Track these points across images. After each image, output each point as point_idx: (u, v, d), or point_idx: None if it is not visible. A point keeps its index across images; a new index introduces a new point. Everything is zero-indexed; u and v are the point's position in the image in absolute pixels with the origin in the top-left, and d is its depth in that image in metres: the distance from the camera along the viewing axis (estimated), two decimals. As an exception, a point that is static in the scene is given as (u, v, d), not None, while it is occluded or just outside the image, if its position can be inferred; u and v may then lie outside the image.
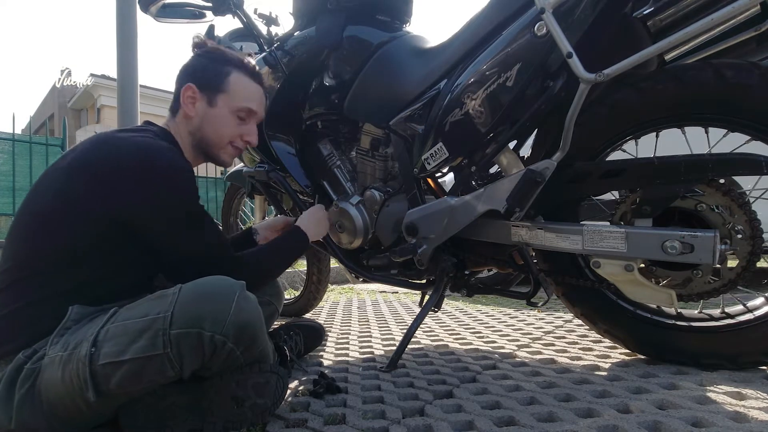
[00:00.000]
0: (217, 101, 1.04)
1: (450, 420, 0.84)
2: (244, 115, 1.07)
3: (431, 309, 1.26)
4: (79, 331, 0.79)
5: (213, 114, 1.04)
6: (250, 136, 1.10)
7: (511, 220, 1.08)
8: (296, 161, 1.51)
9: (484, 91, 1.04)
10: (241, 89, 1.06)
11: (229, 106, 1.05)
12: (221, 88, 1.04)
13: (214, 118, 1.05)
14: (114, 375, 0.75)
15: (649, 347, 1.13)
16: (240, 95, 1.06)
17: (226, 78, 1.04)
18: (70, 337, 0.79)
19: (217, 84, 1.04)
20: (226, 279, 0.83)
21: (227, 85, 1.04)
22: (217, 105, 1.04)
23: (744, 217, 0.94)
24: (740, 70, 0.90)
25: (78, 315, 0.83)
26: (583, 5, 0.90)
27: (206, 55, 1.07)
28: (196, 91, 1.03)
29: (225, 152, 1.09)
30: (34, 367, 0.79)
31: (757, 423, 0.77)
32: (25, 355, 0.81)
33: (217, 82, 1.04)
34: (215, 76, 1.04)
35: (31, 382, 0.78)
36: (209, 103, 1.04)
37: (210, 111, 1.04)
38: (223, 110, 1.05)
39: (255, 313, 0.83)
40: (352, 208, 1.36)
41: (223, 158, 1.10)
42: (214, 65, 1.05)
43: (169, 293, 0.80)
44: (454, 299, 2.46)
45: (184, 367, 0.77)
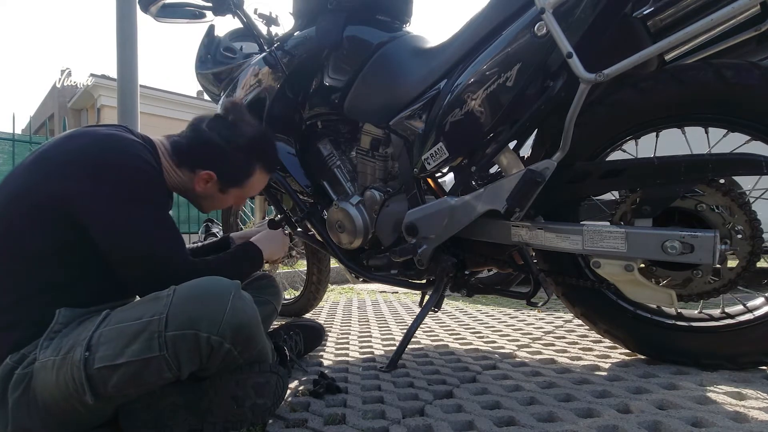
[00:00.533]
0: (229, 191, 1.09)
1: (450, 420, 0.84)
2: (244, 197, 1.15)
3: (431, 309, 1.25)
4: (71, 335, 0.79)
5: (220, 197, 1.10)
6: (238, 203, 1.18)
7: (511, 220, 1.08)
8: (296, 161, 1.51)
9: (484, 91, 1.04)
10: (257, 185, 1.13)
11: (238, 196, 1.12)
12: (240, 184, 1.09)
13: (218, 201, 1.11)
14: (111, 378, 0.74)
15: (649, 347, 1.13)
16: (254, 190, 1.13)
17: (248, 178, 1.09)
18: (62, 341, 0.78)
19: (237, 182, 1.08)
20: (221, 280, 0.83)
21: (246, 183, 1.10)
22: (228, 194, 1.10)
23: (744, 217, 0.94)
24: (740, 70, 0.90)
25: (66, 318, 0.82)
26: (583, 5, 0.90)
27: (242, 148, 1.05)
28: (213, 178, 1.05)
29: (209, 210, 1.16)
30: (25, 372, 0.79)
31: (757, 423, 0.77)
32: (13, 360, 0.80)
33: (239, 180, 1.08)
34: (240, 175, 1.08)
35: (24, 387, 0.78)
36: (221, 190, 1.08)
37: (218, 195, 1.09)
38: (229, 198, 1.11)
39: (251, 312, 0.83)
40: (352, 208, 1.36)
41: (205, 211, 1.17)
42: (243, 163, 1.07)
43: (163, 295, 0.80)
44: (454, 299, 2.46)
45: (182, 369, 0.77)
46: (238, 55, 1.73)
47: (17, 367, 0.80)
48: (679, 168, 0.93)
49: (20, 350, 0.81)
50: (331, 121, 1.45)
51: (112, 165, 0.86)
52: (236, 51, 1.74)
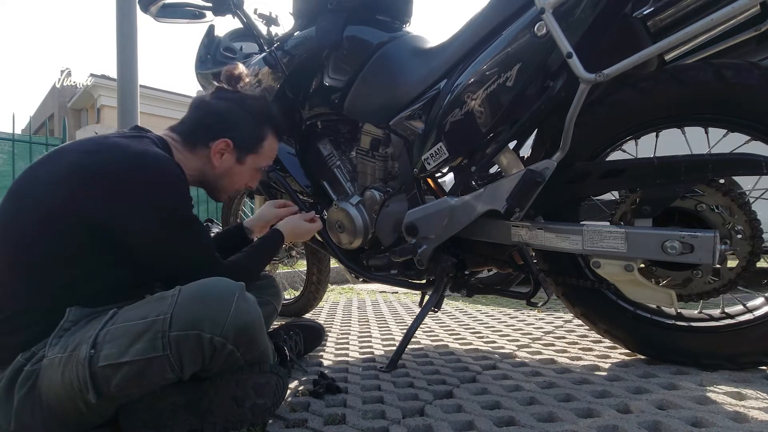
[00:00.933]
0: (246, 160, 1.09)
1: (450, 420, 0.84)
2: (260, 169, 1.14)
3: (431, 309, 1.25)
4: (78, 333, 0.79)
5: (238, 170, 1.09)
6: (253, 183, 1.17)
7: (511, 220, 1.08)
8: (296, 161, 1.51)
9: (484, 91, 1.04)
10: (271, 151, 1.13)
11: (255, 164, 1.11)
12: (255, 150, 1.09)
13: (237, 174, 1.10)
14: (114, 377, 0.75)
15: (649, 347, 1.13)
16: (267, 156, 1.13)
17: (261, 142, 1.09)
18: (69, 339, 0.78)
19: (252, 147, 1.08)
20: (225, 280, 0.83)
21: (260, 148, 1.10)
22: (245, 163, 1.09)
23: (744, 217, 0.94)
24: (740, 70, 0.90)
25: (76, 316, 0.83)
26: (583, 5, 0.90)
27: (250, 113, 1.07)
28: (230, 146, 1.04)
29: (227, 194, 1.15)
30: (33, 369, 0.79)
31: (757, 423, 0.77)
32: (24, 357, 0.80)
33: (253, 145, 1.08)
34: (254, 139, 1.08)
35: (31, 384, 0.78)
36: (238, 160, 1.07)
37: (236, 167, 1.08)
38: (248, 168, 1.10)
39: (254, 314, 0.83)
40: (352, 208, 1.36)
41: (221, 198, 1.15)
42: (254, 126, 1.08)
43: (168, 295, 0.80)
44: (454, 299, 2.46)
45: (185, 369, 0.77)
46: (238, 55, 1.73)
47: (27, 363, 0.80)
48: (679, 168, 0.93)
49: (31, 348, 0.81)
50: (331, 121, 1.45)
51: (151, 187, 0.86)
52: (236, 51, 1.74)
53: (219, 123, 1.04)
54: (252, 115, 1.08)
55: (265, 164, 1.14)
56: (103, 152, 0.87)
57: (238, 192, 1.15)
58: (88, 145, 0.90)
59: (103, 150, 0.88)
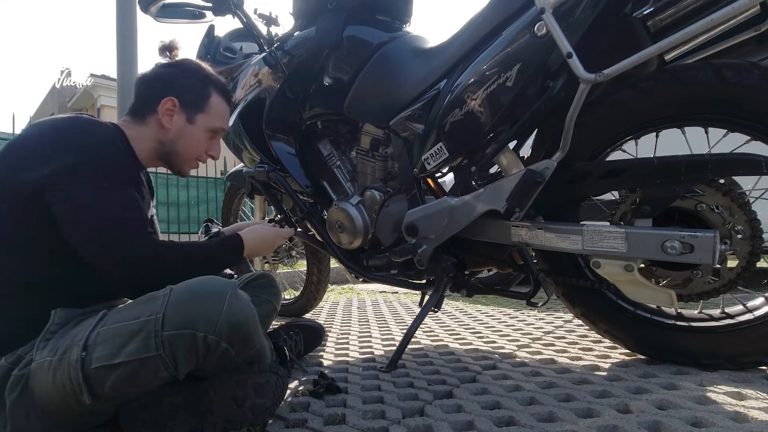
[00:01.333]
0: (196, 119, 1.07)
1: (450, 420, 0.84)
2: (215, 133, 1.12)
3: (431, 309, 1.25)
4: (67, 335, 0.78)
5: (190, 130, 1.07)
6: (214, 151, 1.14)
7: (511, 220, 1.08)
8: (296, 161, 1.51)
9: (484, 91, 1.04)
10: (219, 111, 1.11)
11: (206, 125, 1.09)
12: (201, 108, 1.07)
13: (190, 135, 1.07)
14: (108, 378, 0.74)
15: (649, 347, 1.13)
16: (217, 116, 1.10)
17: (207, 99, 1.08)
18: (58, 342, 0.78)
19: (198, 104, 1.07)
20: (217, 279, 0.83)
21: (206, 105, 1.08)
22: (195, 123, 1.07)
23: (744, 217, 0.94)
24: (740, 70, 0.90)
25: (62, 318, 0.82)
26: (583, 5, 0.90)
27: (189, 72, 1.08)
28: (176, 105, 1.04)
29: (189, 165, 1.12)
30: (22, 373, 0.78)
31: (757, 423, 0.77)
32: (8, 361, 0.80)
33: (199, 102, 1.07)
34: (197, 96, 1.07)
35: (21, 388, 0.78)
36: (188, 120, 1.06)
37: (188, 127, 1.06)
38: (199, 128, 1.08)
39: (248, 312, 0.83)
40: (352, 208, 1.36)
41: (185, 170, 1.13)
42: (197, 84, 1.08)
43: (159, 295, 0.80)
44: (454, 299, 2.46)
45: (179, 368, 0.77)
46: (238, 55, 1.73)
47: (14, 368, 0.80)
48: (679, 168, 0.93)
49: (11, 350, 0.81)
50: (331, 121, 1.45)
51: (72, 141, 0.87)
52: (236, 51, 1.74)
53: (161, 86, 1.05)
54: (191, 74, 1.08)
55: (218, 125, 1.11)
56: (35, 126, 0.92)
57: (201, 160, 1.11)
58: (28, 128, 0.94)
59: (35, 125, 0.92)
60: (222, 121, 1.12)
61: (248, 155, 1.67)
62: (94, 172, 0.86)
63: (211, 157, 1.14)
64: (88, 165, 0.86)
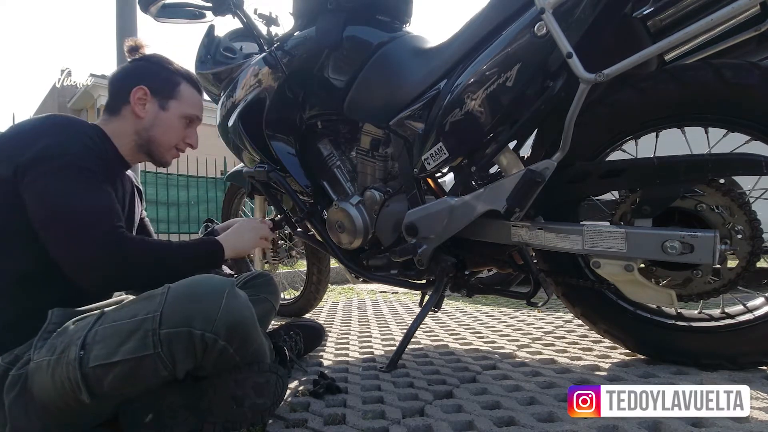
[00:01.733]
0: (169, 106, 1.09)
1: (450, 420, 0.84)
2: (189, 121, 1.14)
3: (431, 309, 1.25)
4: (65, 335, 0.78)
5: (164, 117, 1.09)
6: (191, 139, 1.16)
7: (511, 220, 1.08)
8: (296, 161, 1.51)
9: (484, 91, 1.04)
10: (190, 99, 1.13)
11: (179, 112, 1.11)
12: (173, 95, 1.10)
13: (165, 122, 1.09)
14: (106, 377, 0.74)
15: (649, 347, 1.13)
16: (189, 103, 1.12)
17: (177, 87, 1.11)
18: (56, 341, 0.78)
19: (169, 91, 1.10)
20: (215, 277, 0.83)
21: (178, 93, 1.11)
22: (168, 109, 1.09)
23: (744, 217, 0.94)
24: (740, 70, 0.90)
25: (59, 318, 0.83)
26: (583, 5, 0.90)
27: (156, 63, 1.12)
28: (147, 94, 1.06)
29: (170, 154, 1.14)
30: (20, 373, 0.79)
31: (757, 423, 0.77)
32: (6, 361, 0.80)
33: (170, 89, 1.10)
34: (168, 83, 1.10)
35: (20, 388, 0.78)
36: (161, 107, 1.09)
37: (161, 114, 1.09)
38: (173, 115, 1.10)
39: (246, 310, 0.83)
40: (352, 208, 1.36)
41: (166, 159, 1.14)
42: (166, 73, 1.11)
43: (157, 293, 0.80)
44: (454, 299, 2.46)
45: (177, 367, 0.77)
46: (238, 55, 1.73)
47: (11, 368, 0.80)
48: (679, 168, 0.93)
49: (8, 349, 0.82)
50: (331, 121, 1.45)
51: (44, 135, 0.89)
52: (236, 51, 1.74)
53: (131, 78, 1.07)
54: (159, 65, 1.11)
55: (191, 112, 1.12)
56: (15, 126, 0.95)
57: (180, 149, 1.13)
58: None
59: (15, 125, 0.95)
60: (195, 109, 1.14)
61: (248, 155, 1.66)
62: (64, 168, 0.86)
63: (190, 145, 1.16)
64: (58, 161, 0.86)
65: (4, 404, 0.78)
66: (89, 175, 0.89)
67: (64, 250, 0.85)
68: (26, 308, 0.85)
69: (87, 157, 0.90)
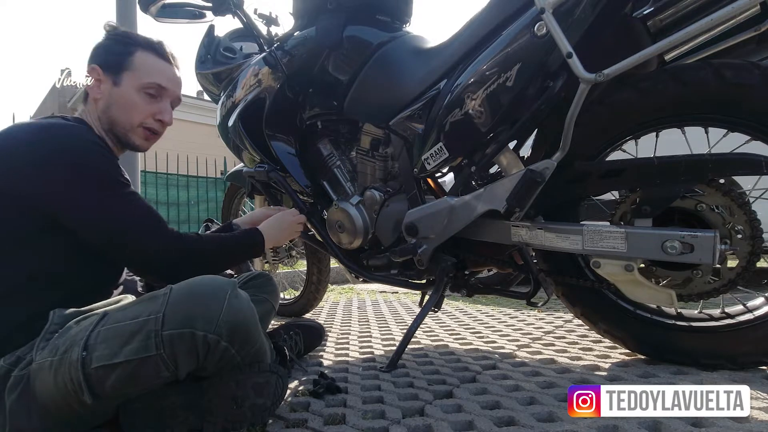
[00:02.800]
0: (121, 80, 1.00)
1: (450, 420, 0.84)
2: (153, 92, 1.02)
3: (431, 309, 1.25)
4: (67, 335, 0.78)
5: (118, 93, 1.00)
6: (162, 115, 1.04)
7: (511, 220, 1.08)
8: (296, 161, 1.51)
9: (484, 91, 1.04)
10: (148, 66, 1.02)
11: (135, 83, 1.01)
12: (125, 66, 1.00)
13: (120, 98, 1.00)
14: (108, 378, 0.74)
15: (649, 347, 1.13)
16: (146, 71, 1.02)
17: (130, 57, 1.01)
18: (58, 342, 0.78)
19: (120, 62, 1.00)
20: (217, 278, 0.83)
21: (131, 63, 1.01)
22: (122, 84, 1.00)
23: (744, 217, 0.94)
24: (740, 70, 0.90)
25: (61, 318, 0.82)
26: (583, 5, 0.90)
27: (112, 38, 1.04)
28: (99, 72, 0.99)
29: (136, 135, 1.03)
30: (22, 374, 0.78)
31: (757, 423, 0.77)
32: (7, 363, 0.80)
33: (121, 60, 1.01)
34: (119, 55, 1.01)
35: (22, 389, 0.78)
36: (114, 83, 1.00)
37: (115, 91, 1.00)
38: (128, 89, 1.00)
39: (247, 311, 0.83)
40: (352, 208, 1.36)
41: (135, 141, 1.03)
42: (118, 46, 1.02)
43: (159, 294, 0.80)
44: (454, 299, 2.46)
45: (179, 368, 0.77)
46: (238, 55, 1.73)
47: (13, 369, 0.79)
48: (679, 168, 0.93)
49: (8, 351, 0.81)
50: (331, 121, 1.45)
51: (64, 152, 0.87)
52: (236, 51, 1.74)
53: (89, 59, 1.02)
54: (111, 38, 1.03)
55: (149, 80, 1.01)
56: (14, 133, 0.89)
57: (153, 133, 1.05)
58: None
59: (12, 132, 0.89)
60: (154, 76, 1.02)
61: (248, 155, 1.67)
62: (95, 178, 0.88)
63: (161, 122, 1.05)
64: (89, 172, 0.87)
65: (5, 405, 0.78)
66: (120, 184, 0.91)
67: (136, 263, 0.94)
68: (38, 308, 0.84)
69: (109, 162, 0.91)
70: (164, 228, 0.94)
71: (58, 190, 0.85)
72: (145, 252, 0.90)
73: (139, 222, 0.91)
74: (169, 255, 0.92)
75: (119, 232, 0.89)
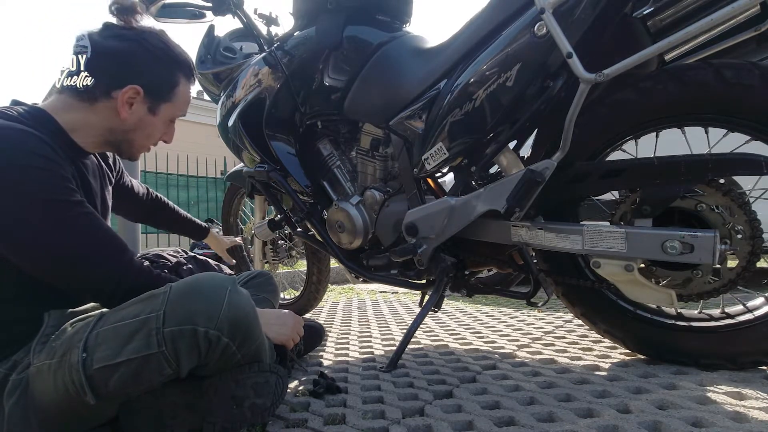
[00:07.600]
0: (159, 110, 0.96)
1: (450, 420, 0.84)
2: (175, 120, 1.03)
3: (431, 309, 1.25)
4: (64, 337, 0.78)
5: (151, 121, 0.96)
6: (168, 137, 1.04)
7: (511, 220, 1.08)
8: (296, 161, 1.51)
9: (484, 91, 1.04)
10: (185, 98, 1.01)
11: (170, 115, 0.99)
12: (168, 98, 0.97)
13: (151, 125, 0.97)
14: (111, 378, 0.74)
15: (649, 347, 1.13)
16: (182, 104, 1.01)
17: (174, 88, 0.97)
18: (55, 344, 0.78)
19: (163, 93, 0.96)
20: (217, 275, 0.83)
21: (174, 95, 0.98)
22: (158, 113, 0.97)
23: (744, 217, 0.94)
24: (740, 70, 0.90)
25: (56, 320, 0.82)
26: (583, 5, 0.90)
27: (156, 51, 0.94)
28: (139, 94, 0.92)
29: (141, 151, 1.02)
30: (20, 378, 0.78)
31: (757, 423, 0.77)
32: (5, 368, 0.80)
33: (166, 91, 0.96)
34: (166, 84, 0.96)
35: (20, 393, 0.78)
36: (150, 110, 0.95)
37: (148, 118, 0.96)
38: (162, 119, 0.98)
39: (248, 307, 0.82)
40: (352, 208, 1.36)
41: (136, 156, 1.01)
42: (164, 70, 0.95)
43: (159, 293, 0.79)
44: (454, 299, 2.46)
45: (181, 365, 0.77)
46: (238, 55, 1.73)
47: (11, 373, 0.79)
48: (679, 168, 0.93)
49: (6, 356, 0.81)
50: (331, 121, 1.45)
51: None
52: (236, 51, 1.74)
53: (122, 68, 0.90)
54: (158, 57, 0.94)
55: (182, 113, 1.01)
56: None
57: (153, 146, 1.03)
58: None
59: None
60: (185, 107, 1.02)
61: (248, 155, 1.66)
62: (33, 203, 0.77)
63: (164, 141, 1.04)
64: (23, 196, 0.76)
65: (4, 409, 0.78)
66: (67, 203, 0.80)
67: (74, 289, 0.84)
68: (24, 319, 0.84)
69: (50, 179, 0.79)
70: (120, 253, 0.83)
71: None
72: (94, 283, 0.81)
73: (89, 253, 0.80)
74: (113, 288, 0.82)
75: (65, 266, 0.79)
